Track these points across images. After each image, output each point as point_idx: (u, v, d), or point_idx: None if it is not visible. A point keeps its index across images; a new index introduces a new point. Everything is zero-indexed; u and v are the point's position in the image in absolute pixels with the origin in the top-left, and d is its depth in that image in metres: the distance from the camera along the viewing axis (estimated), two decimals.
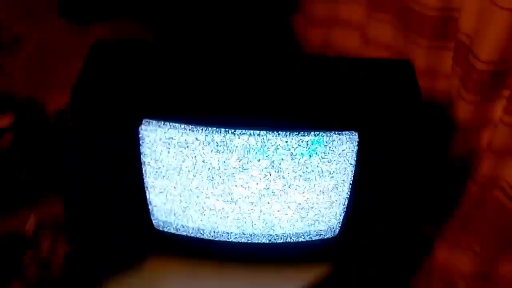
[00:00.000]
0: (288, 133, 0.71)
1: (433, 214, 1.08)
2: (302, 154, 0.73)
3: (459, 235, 1.04)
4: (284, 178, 0.76)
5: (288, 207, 0.80)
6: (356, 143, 0.73)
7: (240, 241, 0.86)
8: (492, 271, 1.05)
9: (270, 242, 0.87)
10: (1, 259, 0.71)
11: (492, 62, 0.81)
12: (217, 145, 0.72)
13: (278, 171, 0.75)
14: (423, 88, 0.86)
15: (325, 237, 0.87)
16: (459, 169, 0.98)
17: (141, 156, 0.73)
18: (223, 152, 0.72)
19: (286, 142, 0.71)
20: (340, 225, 0.84)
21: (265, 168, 0.74)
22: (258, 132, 0.71)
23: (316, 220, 0.83)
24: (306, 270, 0.92)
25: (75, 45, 1.01)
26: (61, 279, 0.78)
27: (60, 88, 1.05)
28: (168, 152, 0.73)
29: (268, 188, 0.77)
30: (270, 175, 0.75)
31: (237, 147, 0.72)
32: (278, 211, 0.81)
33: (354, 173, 0.76)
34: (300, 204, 0.80)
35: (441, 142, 0.96)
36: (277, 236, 0.86)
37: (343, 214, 0.83)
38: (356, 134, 0.72)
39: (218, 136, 0.71)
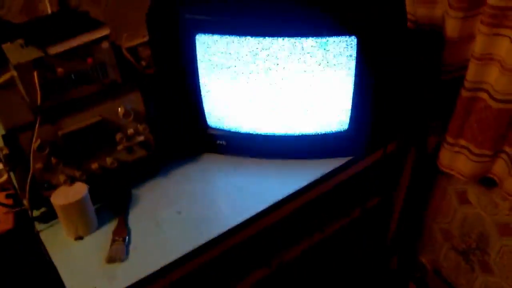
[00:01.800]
0: (301, 38, 0.95)
1: (436, 122, 1.29)
2: (312, 55, 0.97)
3: (457, 138, 1.25)
4: (300, 76, 1.00)
5: (306, 105, 1.05)
6: (356, 46, 0.96)
7: (271, 133, 1.11)
8: (487, 169, 1.25)
9: (294, 136, 1.11)
10: (100, 136, 1.00)
11: None
12: (248, 48, 0.97)
13: (298, 70, 0.99)
14: (422, 14, 1.07)
15: (338, 131, 1.10)
16: (454, 79, 1.19)
17: (197, 60, 1.00)
18: (254, 53, 0.97)
19: (306, 44, 0.95)
20: (349, 119, 1.08)
21: (287, 67, 0.99)
22: (278, 37, 0.95)
23: (329, 116, 1.07)
24: (323, 164, 1.15)
25: None
26: (141, 158, 1.07)
27: (130, 30, 1.34)
28: (216, 56, 0.99)
29: (288, 87, 1.02)
30: (291, 75, 1.00)
31: (263, 49, 0.97)
32: (298, 108, 1.06)
33: (356, 72, 0.99)
34: (315, 101, 1.04)
35: (437, 55, 1.17)
36: (299, 132, 1.10)
37: (350, 110, 1.06)
38: (355, 39, 0.95)
39: (253, 41, 0.96)
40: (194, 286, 1.23)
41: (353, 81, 1.00)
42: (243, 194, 1.09)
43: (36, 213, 1.03)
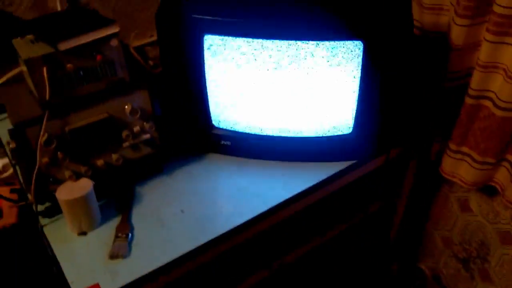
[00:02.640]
0: (308, 41, 0.96)
1: (439, 129, 1.30)
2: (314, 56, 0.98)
3: (460, 145, 1.25)
4: (306, 78, 1.01)
5: (311, 108, 1.06)
6: (362, 50, 0.97)
7: (276, 135, 1.12)
8: (490, 177, 1.25)
9: (299, 138, 1.12)
10: (107, 133, 1.01)
11: None
12: (255, 50, 0.98)
13: (304, 73, 1.00)
14: (429, 21, 1.08)
15: (342, 135, 1.11)
16: (458, 87, 1.20)
17: (204, 60, 1.01)
18: (260, 55, 0.98)
19: (313, 48, 0.96)
20: (353, 123, 1.09)
21: (296, 68, 1.00)
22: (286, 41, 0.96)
23: (334, 119, 1.08)
24: (327, 167, 1.15)
25: None
26: (146, 156, 1.08)
27: (138, 30, 1.35)
28: (223, 55, 1.00)
29: (297, 87, 1.03)
30: (299, 76, 1.01)
31: (271, 50, 0.98)
32: (304, 109, 1.06)
33: (361, 77, 1.00)
34: (320, 104, 1.05)
35: (442, 63, 1.18)
36: (303, 134, 1.11)
37: (354, 114, 1.07)
38: (362, 43, 0.96)
39: (260, 43, 0.97)
40: (195, 285, 1.24)
41: (359, 85, 1.01)
42: (246, 195, 1.10)
43: (40, 207, 1.04)
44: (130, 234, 1.01)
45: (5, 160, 1.25)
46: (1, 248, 1.24)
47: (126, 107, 1.01)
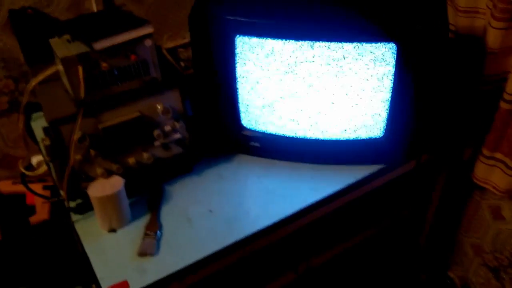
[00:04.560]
0: (341, 43, 0.95)
1: (472, 135, 1.27)
2: (354, 58, 0.97)
3: (494, 151, 1.23)
4: (339, 81, 1.01)
5: (342, 110, 1.05)
6: (396, 53, 0.96)
7: (305, 137, 1.11)
8: None
9: (328, 141, 1.11)
10: (139, 132, 1.02)
11: None
12: (287, 52, 0.98)
13: (337, 74, 1.00)
14: (463, 24, 1.06)
15: (373, 138, 1.10)
16: (492, 91, 1.17)
17: (236, 61, 1.02)
18: (292, 56, 0.98)
19: (346, 49, 0.96)
20: (384, 127, 1.07)
21: (327, 71, 0.99)
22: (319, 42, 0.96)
23: (365, 122, 1.07)
24: (356, 170, 1.14)
25: None
26: (177, 155, 1.09)
27: (171, 32, 1.37)
28: (253, 59, 1.00)
29: (330, 90, 1.02)
30: (330, 77, 1.00)
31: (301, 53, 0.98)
32: (336, 113, 1.06)
33: (394, 80, 0.99)
34: (352, 106, 1.05)
35: (477, 67, 1.16)
36: (333, 137, 1.10)
37: (386, 117, 1.05)
38: (395, 46, 0.95)
39: (293, 45, 0.97)
40: (221, 286, 1.24)
41: (391, 88, 1.00)
42: (274, 197, 1.10)
43: (72, 204, 1.06)
44: (159, 232, 1.02)
45: (39, 157, 1.28)
46: (34, 243, 1.27)
47: (158, 106, 1.02)
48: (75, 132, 0.95)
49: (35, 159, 1.31)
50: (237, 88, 1.06)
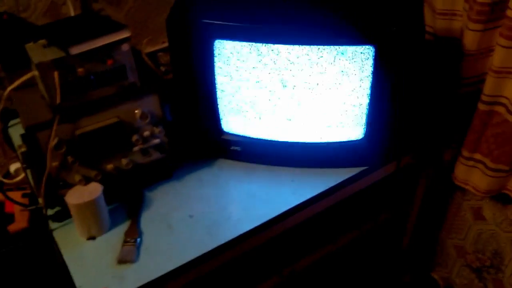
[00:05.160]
0: (320, 46, 0.96)
1: (452, 136, 1.28)
2: (330, 62, 0.97)
3: (473, 152, 1.24)
4: (317, 84, 1.01)
5: (322, 113, 1.05)
6: (373, 55, 0.96)
7: (286, 141, 1.11)
8: (503, 184, 1.23)
9: (309, 144, 1.11)
10: (117, 137, 1.01)
11: None
12: (265, 55, 0.98)
13: (315, 78, 1.00)
14: (441, 26, 1.07)
15: (353, 141, 1.10)
16: (474, 93, 1.18)
17: (214, 65, 1.01)
18: (270, 60, 0.98)
19: (324, 53, 0.96)
20: (364, 129, 1.08)
21: (307, 75, 0.99)
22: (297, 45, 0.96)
23: (345, 124, 1.07)
24: (337, 173, 1.14)
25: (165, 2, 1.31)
26: (156, 161, 1.08)
27: (150, 36, 1.36)
28: (232, 61, 1.00)
29: (305, 94, 1.02)
30: (308, 81, 1.00)
31: (281, 57, 0.98)
32: (314, 115, 1.06)
33: (372, 82, 0.99)
34: (331, 109, 1.05)
35: (455, 68, 1.17)
36: (314, 140, 1.10)
37: (365, 120, 1.06)
38: (373, 48, 0.96)
39: (271, 48, 0.97)
40: None
41: (370, 91, 1.00)
42: (255, 201, 1.09)
43: (50, 212, 1.05)
44: (138, 239, 1.01)
45: (17, 165, 1.26)
46: (13, 252, 1.25)
47: (136, 111, 1.01)
48: (51, 138, 0.93)
49: (13, 167, 1.29)
50: (217, 92, 1.06)
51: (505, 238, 1.41)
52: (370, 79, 0.99)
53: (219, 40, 0.98)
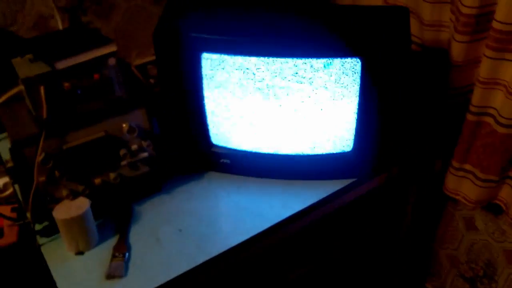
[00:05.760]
0: (306, 59, 0.96)
1: (442, 146, 1.28)
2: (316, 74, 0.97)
3: (463, 163, 1.24)
4: (305, 96, 1.01)
5: (310, 126, 1.05)
6: (360, 68, 0.96)
7: (276, 153, 1.11)
8: (494, 194, 1.23)
9: (298, 156, 1.11)
10: (104, 152, 1.01)
11: (474, 7, 1.02)
12: (253, 68, 0.98)
13: (302, 90, 1.00)
14: (429, 38, 1.08)
15: (342, 152, 1.10)
16: (463, 103, 1.19)
17: (202, 78, 1.01)
18: (258, 73, 0.98)
19: (311, 65, 0.96)
20: (353, 140, 1.07)
21: (295, 89, 0.99)
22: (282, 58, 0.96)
23: (334, 136, 1.07)
24: (327, 185, 1.14)
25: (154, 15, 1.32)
26: (145, 174, 1.08)
27: (140, 49, 1.36)
28: (221, 73, 1.00)
29: (293, 107, 1.02)
30: (294, 93, 1.00)
31: (268, 70, 0.98)
32: (303, 128, 1.06)
33: (360, 94, 0.99)
34: (320, 122, 1.05)
35: (443, 79, 1.17)
36: (303, 152, 1.10)
37: (354, 131, 1.06)
38: (360, 61, 0.96)
39: (258, 61, 0.97)
40: None
41: (358, 103, 1.01)
42: (245, 214, 1.09)
43: (38, 226, 1.04)
44: (127, 254, 1.00)
45: (6, 179, 1.25)
46: (2, 267, 1.24)
47: (124, 125, 1.01)
48: (38, 153, 0.93)
49: (2, 181, 1.28)
50: (205, 105, 1.06)
51: (497, 248, 1.41)
52: (357, 91, 0.99)
53: (206, 53, 0.98)
